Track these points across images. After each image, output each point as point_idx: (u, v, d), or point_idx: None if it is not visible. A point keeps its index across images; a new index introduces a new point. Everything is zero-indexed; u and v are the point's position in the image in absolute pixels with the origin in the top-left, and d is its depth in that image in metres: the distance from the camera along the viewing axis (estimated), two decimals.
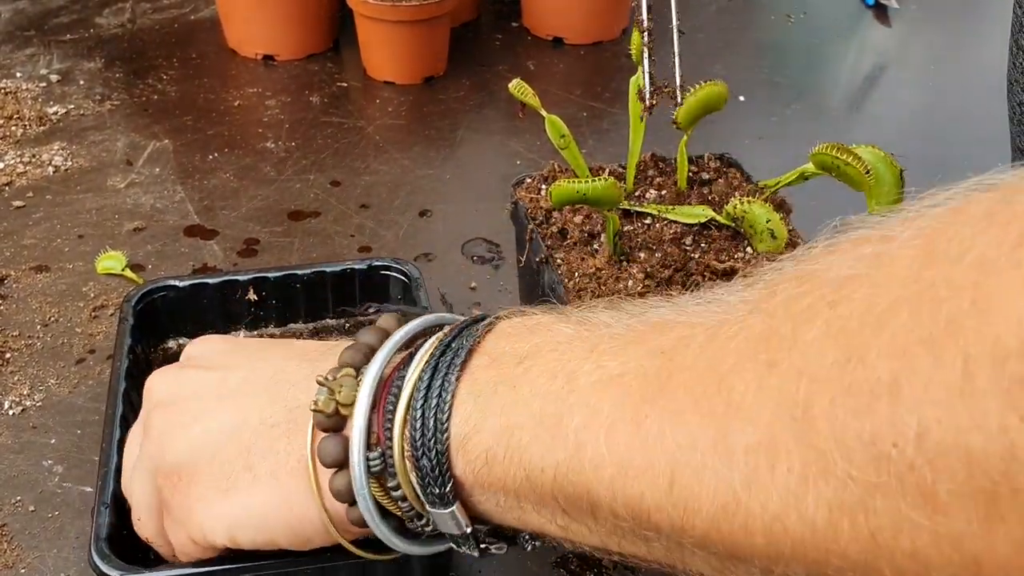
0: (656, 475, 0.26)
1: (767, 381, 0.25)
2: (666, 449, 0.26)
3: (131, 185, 0.76)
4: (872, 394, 0.22)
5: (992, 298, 0.21)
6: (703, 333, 0.28)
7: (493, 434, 0.30)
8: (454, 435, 0.31)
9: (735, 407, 0.25)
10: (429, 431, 0.31)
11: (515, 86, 0.52)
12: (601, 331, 0.31)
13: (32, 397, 0.56)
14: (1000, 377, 0.20)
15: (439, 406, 0.31)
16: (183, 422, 0.38)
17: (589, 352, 0.30)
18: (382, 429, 0.33)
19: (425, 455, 0.31)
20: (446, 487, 0.31)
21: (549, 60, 1.00)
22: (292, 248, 0.70)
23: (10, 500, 0.49)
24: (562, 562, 0.48)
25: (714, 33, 1.07)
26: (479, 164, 0.82)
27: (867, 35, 1.10)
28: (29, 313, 0.62)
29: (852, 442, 0.22)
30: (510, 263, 0.68)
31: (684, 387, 0.27)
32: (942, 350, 0.21)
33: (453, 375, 0.32)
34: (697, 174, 0.58)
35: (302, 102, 0.89)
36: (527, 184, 0.58)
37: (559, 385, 0.30)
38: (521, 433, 0.30)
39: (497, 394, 0.31)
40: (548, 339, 0.32)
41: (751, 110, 0.91)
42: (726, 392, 0.25)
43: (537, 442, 0.29)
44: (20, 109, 0.84)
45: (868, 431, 0.22)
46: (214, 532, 0.36)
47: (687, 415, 0.26)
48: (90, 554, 0.39)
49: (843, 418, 0.23)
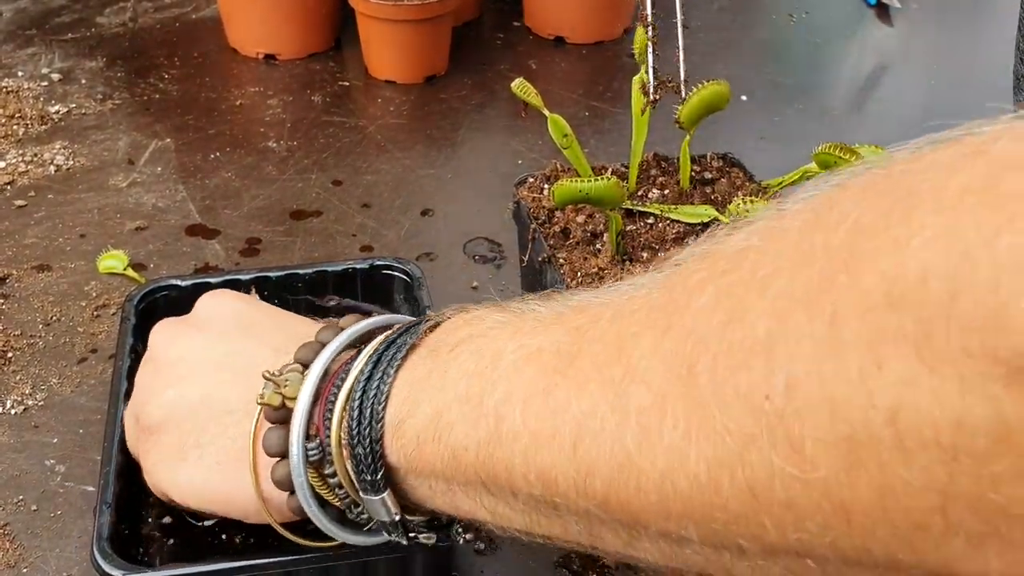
0: (562, 442, 0.28)
1: (662, 345, 0.26)
2: (571, 416, 0.28)
3: (133, 184, 0.76)
4: (750, 351, 0.23)
5: (863, 257, 0.22)
6: (613, 310, 0.29)
7: (424, 417, 0.32)
8: (388, 422, 0.33)
9: (632, 370, 0.26)
10: (365, 419, 0.33)
11: (517, 85, 0.52)
12: (528, 316, 0.32)
13: (34, 396, 0.55)
14: (863, 328, 0.21)
15: (376, 396, 0.33)
16: (163, 383, 0.41)
17: (514, 334, 0.32)
18: (322, 420, 0.34)
19: (360, 443, 0.33)
20: (378, 474, 0.33)
21: (551, 59, 1.00)
22: (294, 247, 0.70)
23: (12, 499, 0.49)
24: (564, 562, 0.48)
25: (715, 32, 1.07)
26: (481, 163, 0.82)
27: (869, 34, 1.10)
28: (31, 312, 0.62)
29: (730, 396, 0.24)
30: (512, 263, 0.68)
31: (590, 357, 0.28)
32: (815, 306, 0.22)
33: (393, 367, 0.33)
34: (700, 174, 0.58)
35: (304, 101, 0.89)
36: (529, 183, 0.58)
37: (484, 365, 0.31)
38: (449, 414, 0.31)
39: (430, 379, 0.32)
40: (480, 327, 0.33)
41: (753, 110, 0.91)
42: (626, 358, 0.27)
43: (462, 420, 0.31)
44: (22, 108, 0.84)
45: (744, 385, 0.23)
46: (168, 492, 0.39)
47: (591, 384, 0.27)
48: (92, 553, 0.39)
49: (723, 374, 0.24)
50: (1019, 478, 0.20)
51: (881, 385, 0.21)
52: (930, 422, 0.20)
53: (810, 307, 0.22)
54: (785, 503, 0.23)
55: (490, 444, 0.30)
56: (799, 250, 0.24)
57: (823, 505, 0.22)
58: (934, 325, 0.20)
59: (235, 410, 0.38)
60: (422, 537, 0.36)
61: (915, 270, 0.21)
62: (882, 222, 0.22)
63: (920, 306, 0.20)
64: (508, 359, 0.31)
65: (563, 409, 0.28)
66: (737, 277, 0.25)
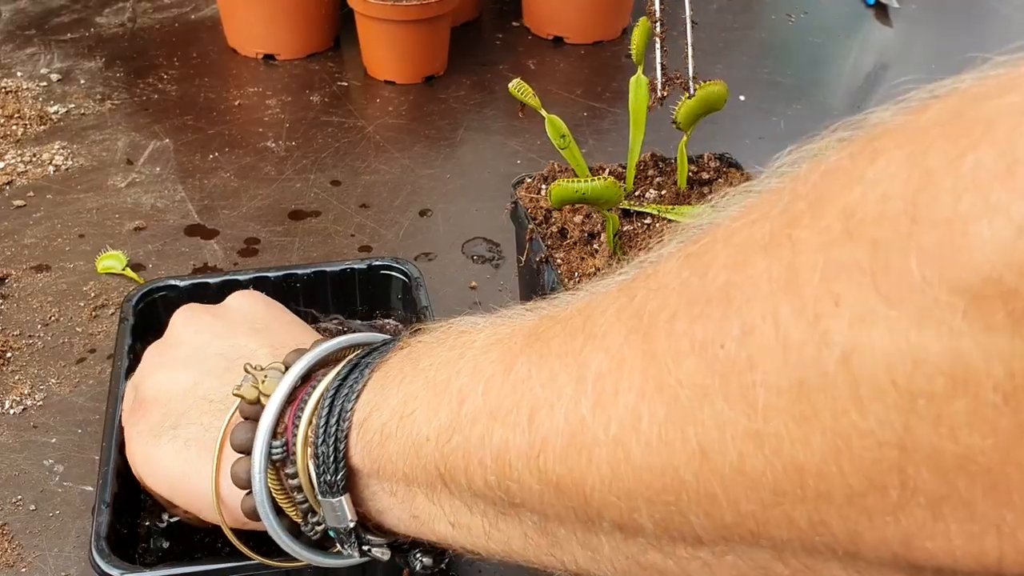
0: (519, 417, 0.27)
1: (625, 310, 0.26)
2: (530, 388, 0.27)
3: (132, 184, 0.76)
4: (708, 301, 0.23)
5: (825, 196, 0.21)
6: (586, 295, 0.29)
7: (390, 408, 0.32)
8: (355, 420, 0.33)
9: (593, 339, 0.26)
10: (333, 418, 0.33)
11: (515, 86, 0.52)
12: (508, 315, 0.32)
13: (33, 396, 0.56)
14: (820, 263, 0.20)
15: (348, 395, 0.33)
16: (162, 363, 0.42)
17: (488, 327, 0.31)
18: (292, 420, 0.34)
19: (324, 441, 0.33)
20: (339, 474, 0.33)
21: (550, 60, 1.00)
22: (292, 248, 0.70)
23: (11, 499, 0.49)
24: None
25: (715, 32, 1.07)
26: (479, 164, 0.82)
27: (868, 34, 1.10)
28: (30, 312, 0.62)
29: (685, 349, 0.23)
30: (510, 262, 0.68)
31: (555, 333, 0.28)
32: (774, 250, 0.22)
33: (368, 369, 0.33)
34: (697, 174, 0.58)
35: (303, 101, 0.89)
36: (527, 184, 0.58)
37: (456, 354, 0.31)
38: (413, 402, 0.31)
39: (402, 372, 0.32)
40: (457, 328, 0.33)
41: (752, 110, 0.91)
42: (589, 328, 0.26)
43: (425, 407, 0.30)
44: (21, 108, 0.84)
45: (699, 335, 0.23)
46: (137, 468, 0.40)
47: (552, 357, 0.27)
48: (91, 553, 0.39)
49: (680, 327, 0.23)
50: (979, 424, 0.18)
51: (836, 324, 0.20)
52: (885, 362, 0.19)
53: (769, 251, 0.22)
54: (737, 466, 0.22)
55: (450, 429, 0.29)
56: (767, 202, 0.23)
57: (775, 464, 0.21)
58: (892, 254, 0.19)
59: (216, 400, 0.39)
60: (376, 551, 0.35)
61: (874, 199, 0.20)
62: (848, 162, 0.21)
63: (878, 234, 0.19)
64: (477, 346, 0.30)
65: (522, 383, 0.27)
66: (704, 242, 0.25)
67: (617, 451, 0.24)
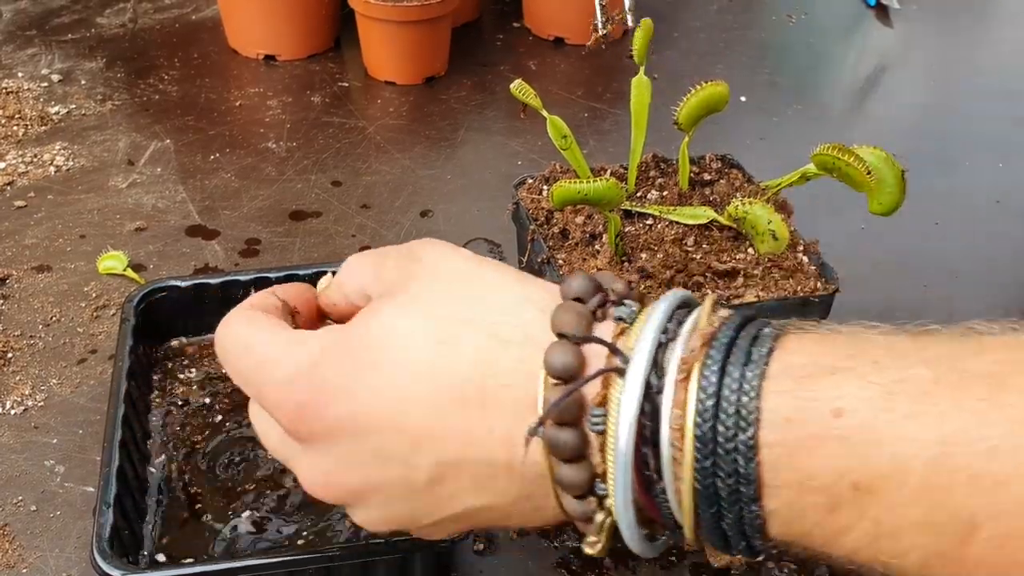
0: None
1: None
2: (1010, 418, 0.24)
3: (133, 185, 0.76)
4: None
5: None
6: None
7: (820, 416, 0.26)
8: (765, 419, 0.27)
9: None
10: (731, 413, 0.27)
11: (516, 87, 0.52)
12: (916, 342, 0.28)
13: (34, 397, 0.56)
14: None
15: (743, 389, 0.27)
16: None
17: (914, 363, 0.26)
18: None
19: (726, 440, 0.27)
20: (749, 478, 0.27)
21: (550, 60, 1.00)
22: (293, 248, 0.70)
23: (12, 500, 0.49)
24: (563, 562, 0.48)
25: (715, 33, 1.07)
26: (480, 164, 0.82)
27: (868, 35, 1.10)
28: (31, 313, 0.62)
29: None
30: (511, 263, 0.68)
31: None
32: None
33: (763, 354, 0.28)
34: (699, 175, 0.58)
35: (303, 102, 0.89)
36: (528, 184, 0.58)
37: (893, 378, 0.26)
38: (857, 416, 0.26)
39: (818, 382, 0.27)
40: (861, 343, 0.28)
41: (752, 111, 0.91)
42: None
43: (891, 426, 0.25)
44: (22, 109, 0.84)
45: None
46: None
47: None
48: (92, 554, 0.39)
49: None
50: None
51: None
52: None
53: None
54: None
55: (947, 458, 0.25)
56: None
57: None
58: None
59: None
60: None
61: None
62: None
63: None
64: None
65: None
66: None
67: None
